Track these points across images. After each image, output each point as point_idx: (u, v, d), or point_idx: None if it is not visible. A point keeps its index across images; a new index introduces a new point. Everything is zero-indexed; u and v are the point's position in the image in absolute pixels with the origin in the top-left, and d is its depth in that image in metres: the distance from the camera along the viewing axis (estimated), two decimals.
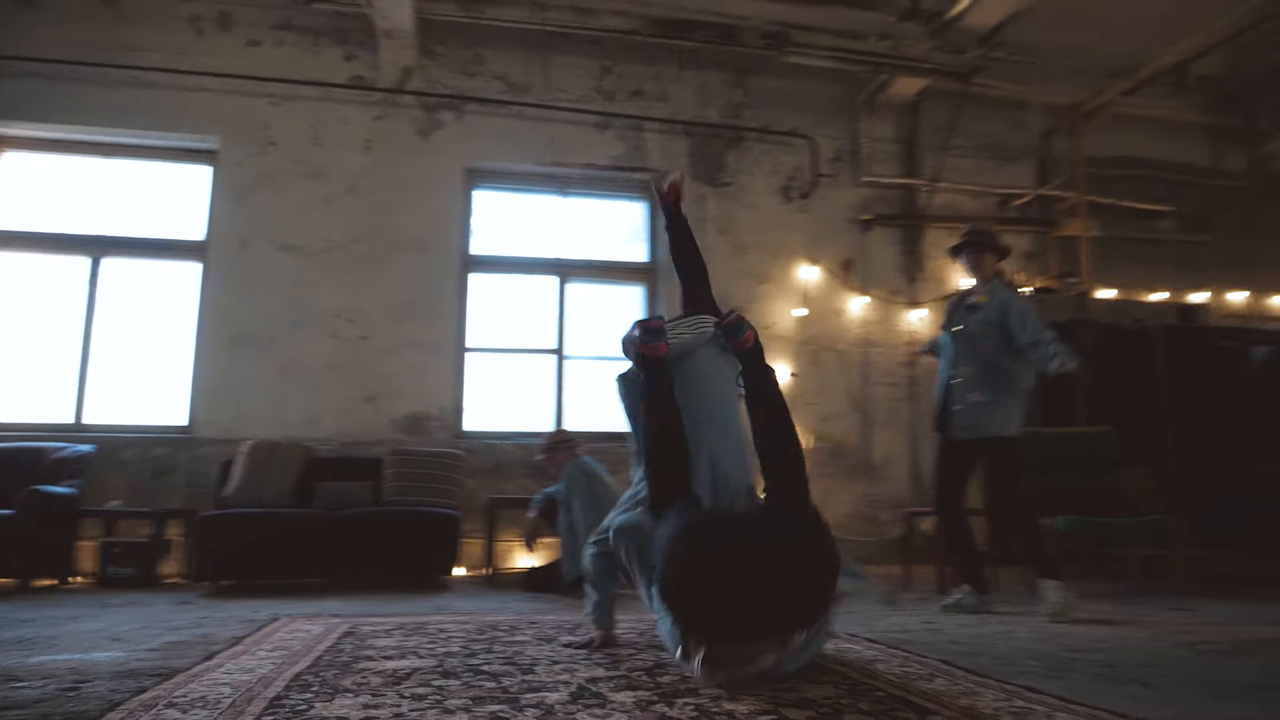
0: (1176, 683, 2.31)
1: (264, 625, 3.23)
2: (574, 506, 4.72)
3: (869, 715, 1.90)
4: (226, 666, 2.43)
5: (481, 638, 3.01)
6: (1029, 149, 7.76)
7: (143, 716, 1.85)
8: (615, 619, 2.85)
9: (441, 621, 3.45)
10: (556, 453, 4.97)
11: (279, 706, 1.94)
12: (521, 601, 4.42)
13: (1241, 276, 8.13)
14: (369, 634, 3.05)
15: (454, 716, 1.86)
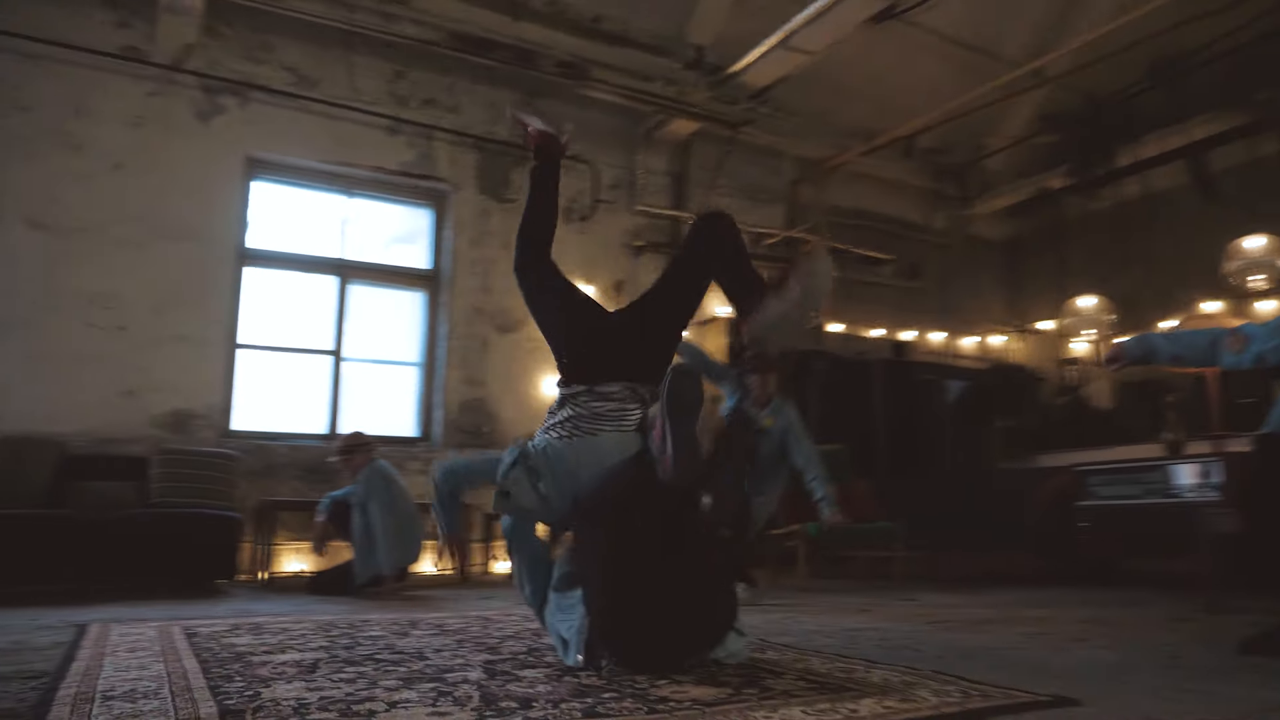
0: (937, 649, 3.14)
1: (84, 629, 3.39)
2: (371, 510, 5.23)
3: (735, 675, 2.42)
4: (109, 666, 2.55)
5: (337, 633, 3.32)
6: (780, 194, 9.21)
7: (92, 709, 1.98)
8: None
9: (280, 622, 3.68)
10: (354, 455, 5.44)
11: (225, 692, 2.15)
12: (322, 604, 4.65)
13: (941, 320, 10.18)
14: (218, 633, 3.27)
15: (401, 692, 2.16)
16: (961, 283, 10.32)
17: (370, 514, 5.20)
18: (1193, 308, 7.93)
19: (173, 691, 2.19)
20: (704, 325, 8.33)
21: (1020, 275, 10.72)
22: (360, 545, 5.20)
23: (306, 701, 2.05)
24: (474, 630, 3.46)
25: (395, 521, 5.25)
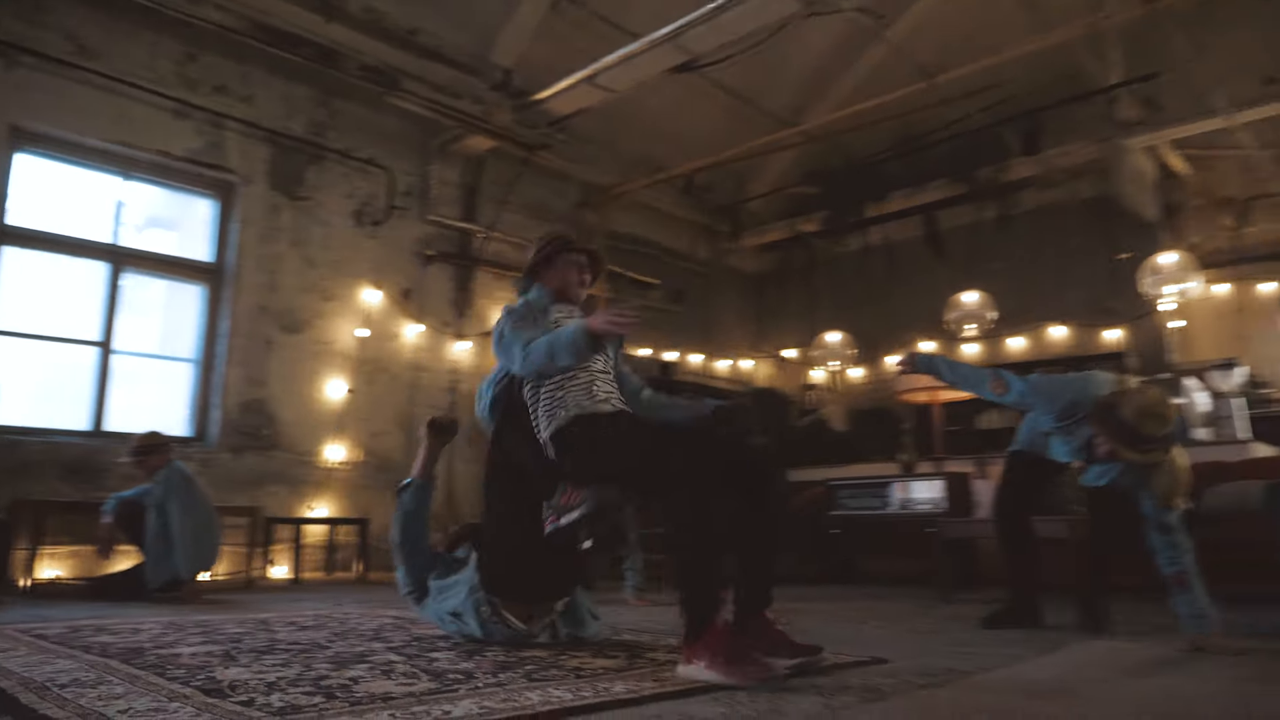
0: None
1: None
2: (170, 512, 5.11)
3: (620, 652, 2.77)
4: (15, 665, 2.51)
5: (201, 632, 3.30)
6: (565, 215, 9.79)
7: (63, 695, 2.01)
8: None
9: (122, 624, 3.59)
10: (151, 456, 5.27)
11: (176, 678, 2.21)
12: (125, 609, 4.44)
13: (700, 342, 11.18)
14: (71, 635, 3.18)
15: (346, 672, 2.31)
16: (719, 309, 11.39)
17: (169, 516, 5.10)
18: (912, 345, 9.39)
19: (125, 679, 2.27)
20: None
21: (770, 306, 11.97)
22: (155, 548, 5.09)
23: (270, 680, 2.26)
24: (338, 625, 3.66)
25: (194, 524, 5.18)
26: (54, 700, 1.99)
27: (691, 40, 6.79)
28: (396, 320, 8.23)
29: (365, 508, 7.65)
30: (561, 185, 9.59)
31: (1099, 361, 8.95)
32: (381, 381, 8.09)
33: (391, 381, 8.17)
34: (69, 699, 2.00)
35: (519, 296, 3.36)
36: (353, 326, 7.91)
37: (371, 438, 7.93)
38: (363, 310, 7.99)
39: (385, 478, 7.97)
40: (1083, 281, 9.28)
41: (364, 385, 7.93)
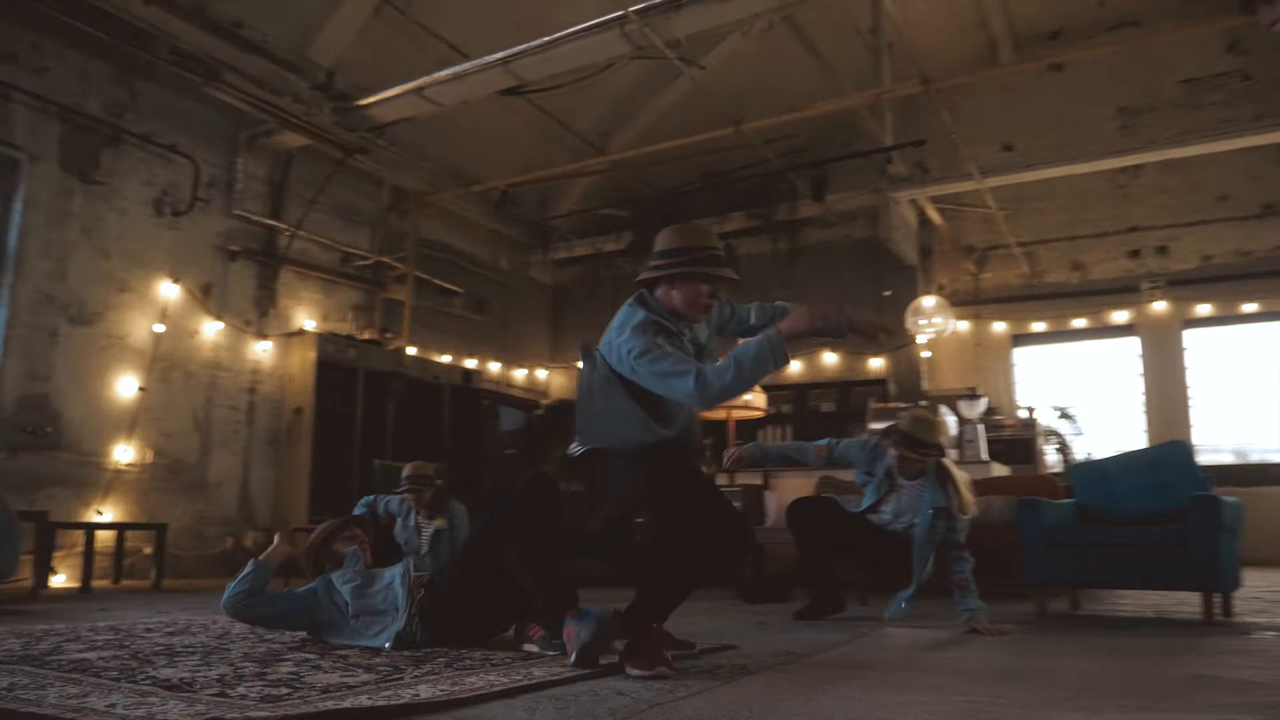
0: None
1: None
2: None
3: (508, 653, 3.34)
4: None
5: (63, 639, 3.44)
6: (372, 218, 9.79)
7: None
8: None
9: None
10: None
11: (113, 676, 2.23)
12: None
13: (499, 351, 11.50)
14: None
15: (278, 667, 2.33)
16: (519, 320, 11.77)
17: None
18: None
19: (71, 682, 2.35)
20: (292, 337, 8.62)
21: (568, 318, 12.47)
22: None
23: (216, 676, 2.43)
24: (202, 630, 3.70)
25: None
26: (19, 703, 2.10)
27: (522, 68, 7.17)
28: (195, 316, 8.00)
29: (155, 512, 7.40)
30: (372, 188, 9.64)
31: (864, 386, 10.18)
32: (176, 380, 7.83)
33: (188, 380, 7.92)
34: (44, 700, 2.11)
35: (638, 307, 2.97)
36: (149, 321, 7.62)
37: (164, 438, 7.66)
38: (160, 304, 7.71)
39: (178, 481, 7.76)
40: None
41: (158, 383, 7.66)
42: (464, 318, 10.79)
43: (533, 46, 6.93)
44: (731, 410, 7.71)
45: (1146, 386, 11.48)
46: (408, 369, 9.37)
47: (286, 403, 8.58)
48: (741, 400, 7.63)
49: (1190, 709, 2.08)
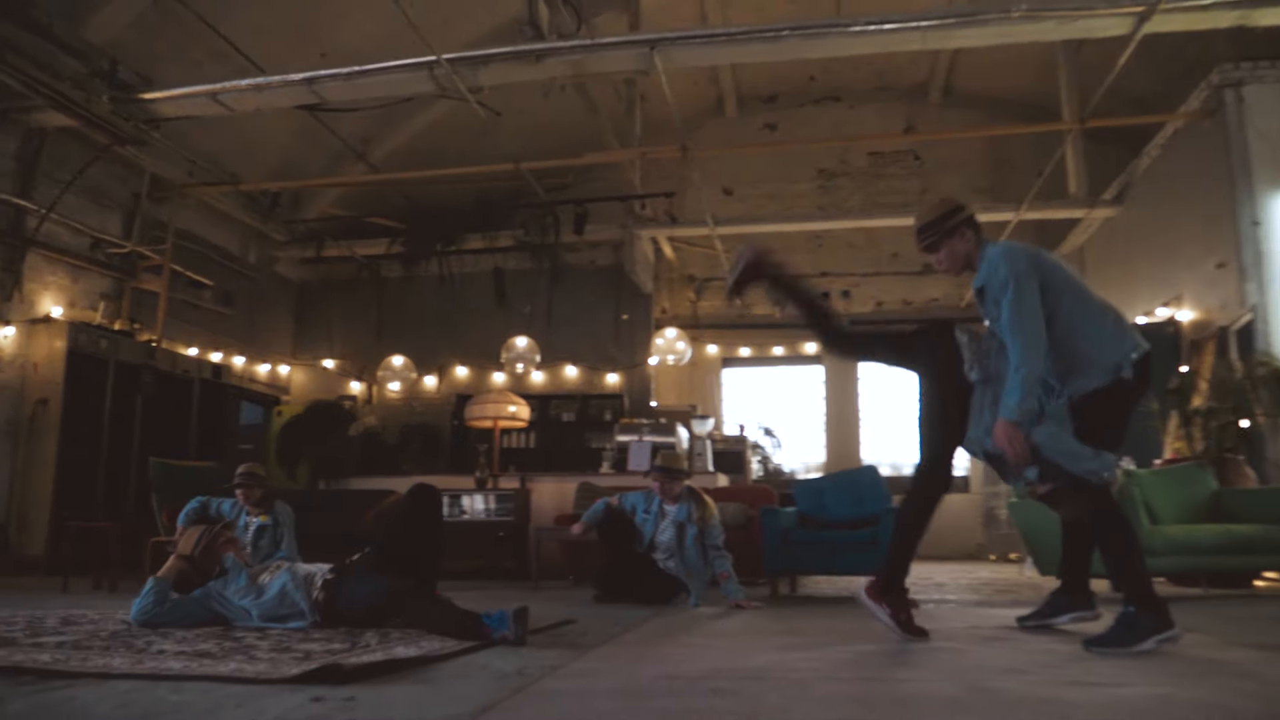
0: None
1: None
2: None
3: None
4: None
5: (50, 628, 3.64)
6: (124, 204, 9.64)
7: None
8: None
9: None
10: None
11: (135, 652, 2.86)
12: None
13: (243, 345, 11.56)
14: None
15: (260, 640, 2.96)
16: (265, 315, 11.90)
17: None
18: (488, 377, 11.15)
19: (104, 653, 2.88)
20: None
21: (314, 316, 12.70)
22: None
23: (225, 649, 3.06)
24: (115, 623, 4.05)
25: None
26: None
27: (327, 89, 7.68)
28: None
29: None
30: (126, 173, 9.49)
31: (600, 399, 11.49)
32: None
33: None
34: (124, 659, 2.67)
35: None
36: None
37: None
38: None
39: None
40: (595, 333, 11.76)
41: None
42: (212, 311, 10.80)
43: (341, 72, 7.49)
44: (498, 420, 8.66)
45: (827, 409, 13.82)
46: (159, 362, 9.38)
47: (28, 393, 8.37)
48: (508, 411, 8.63)
49: (889, 642, 3.41)
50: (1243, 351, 7.25)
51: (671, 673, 2.75)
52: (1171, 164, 8.91)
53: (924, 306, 13.84)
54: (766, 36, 7.00)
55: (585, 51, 7.15)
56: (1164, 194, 9.02)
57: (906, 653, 3.24)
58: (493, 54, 7.26)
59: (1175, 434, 7.42)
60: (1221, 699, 2.25)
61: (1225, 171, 7.67)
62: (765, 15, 11.48)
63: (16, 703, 2.22)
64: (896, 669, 2.91)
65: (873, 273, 14.13)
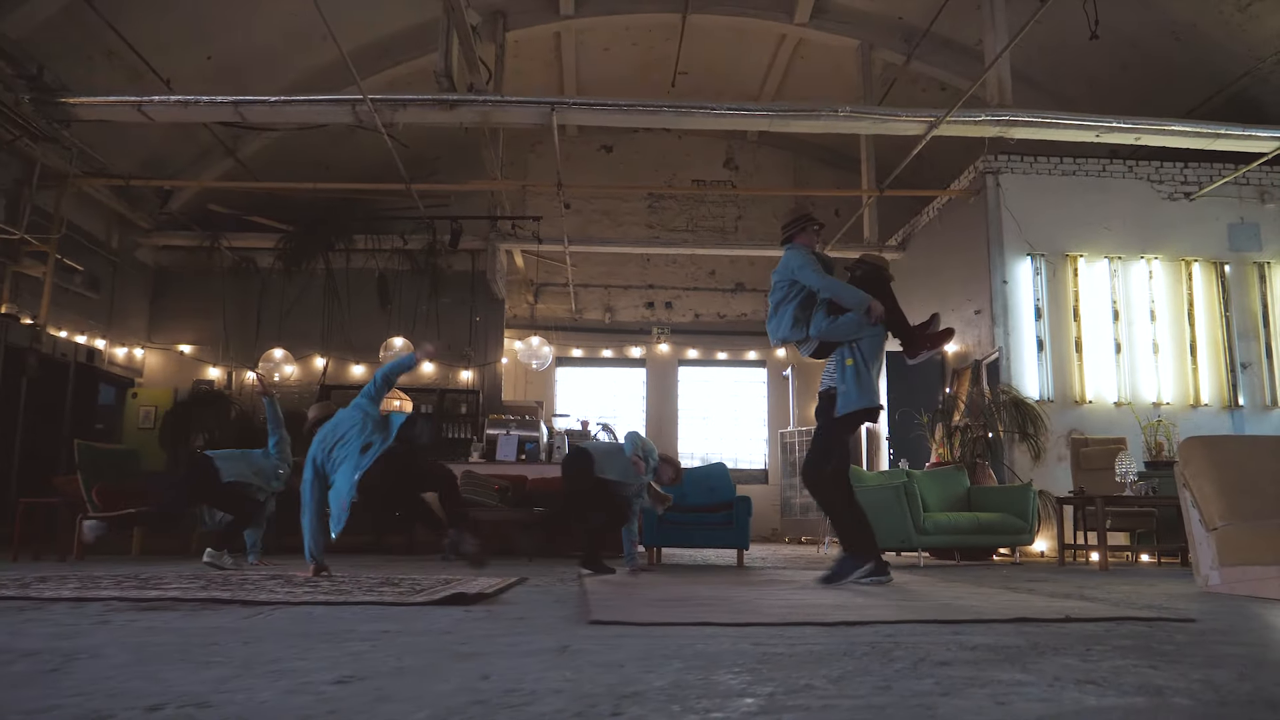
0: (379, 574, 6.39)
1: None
2: None
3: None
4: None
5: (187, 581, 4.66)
6: (9, 192, 10.03)
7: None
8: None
9: None
10: None
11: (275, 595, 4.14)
12: None
13: (104, 329, 11.99)
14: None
15: (310, 591, 4.47)
16: (122, 299, 12.37)
17: None
18: (347, 369, 12.08)
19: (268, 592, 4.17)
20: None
21: (172, 302, 13.19)
22: None
23: (305, 595, 4.40)
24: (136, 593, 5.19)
25: None
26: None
27: (251, 112, 8.66)
28: None
29: None
30: (8, 159, 9.89)
31: (456, 394, 12.82)
32: None
33: None
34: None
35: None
36: None
37: None
38: None
39: None
40: (454, 333, 13.06)
41: None
42: (80, 295, 11.24)
43: (269, 100, 8.50)
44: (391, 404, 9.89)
45: (648, 408, 15.75)
46: (43, 346, 9.91)
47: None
48: (394, 405, 9.90)
49: (742, 586, 5.20)
50: (991, 381, 9.68)
51: (663, 595, 4.41)
52: (944, 225, 11.37)
53: (735, 320, 16.04)
54: (647, 110, 8.69)
55: (495, 106, 8.56)
56: (936, 248, 11.48)
57: (751, 589, 5.05)
58: (412, 99, 8.52)
59: (940, 442, 9.77)
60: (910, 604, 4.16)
61: (984, 238, 10.11)
62: (612, 56, 13.28)
63: (263, 617, 3.57)
64: (750, 597, 4.70)
65: (692, 288, 16.19)
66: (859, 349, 5.14)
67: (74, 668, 2.12)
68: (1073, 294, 9.96)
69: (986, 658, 2.38)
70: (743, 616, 3.32)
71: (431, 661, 2.29)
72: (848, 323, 5.10)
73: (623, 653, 2.46)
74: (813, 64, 13.78)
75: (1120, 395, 9.77)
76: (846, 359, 5.12)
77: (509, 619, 3.37)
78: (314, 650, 2.44)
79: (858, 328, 5.11)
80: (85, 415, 10.63)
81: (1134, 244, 10.15)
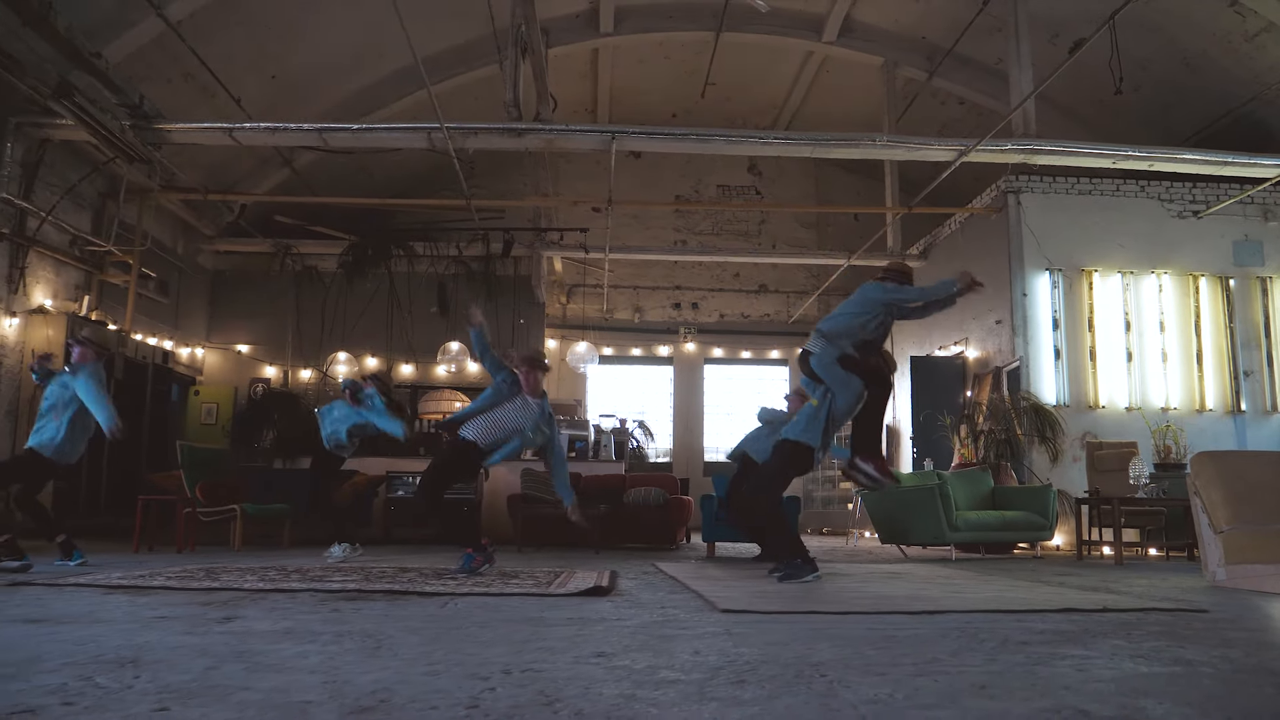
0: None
1: None
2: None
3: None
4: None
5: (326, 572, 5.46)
6: (94, 205, 10.78)
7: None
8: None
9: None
10: None
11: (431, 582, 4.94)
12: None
13: (173, 331, 12.75)
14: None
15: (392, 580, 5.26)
16: (186, 302, 13.14)
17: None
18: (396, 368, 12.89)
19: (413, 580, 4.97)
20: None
21: (221, 303, 13.97)
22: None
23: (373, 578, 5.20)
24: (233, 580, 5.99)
25: None
26: None
27: (334, 138, 9.40)
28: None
29: None
30: (95, 176, 10.64)
31: None
32: None
33: None
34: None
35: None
36: None
37: None
38: None
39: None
40: (497, 335, 13.81)
41: None
42: (151, 300, 12.01)
43: (351, 127, 9.25)
44: (446, 414, 10.70)
45: (675, 404, 16.56)
46: (127, 350, 10.69)
47: (26, 378, 9.57)
48: (455, 406, 10.68)
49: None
50: (1011, 387, 10.48)
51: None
52: (966, 238, 12.15)
53: (759, 320, 16.84)
54: (701, 138, 9.46)
55: (559, 134, 9.33)
56: (958, 259, 12.23)
57: (822, 582, 5.85)
58: (482, 127, 9.27)
59: (964, 443, 10.58)
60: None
61: (1005, 253, 10.89)
62: (645, 69, 14.02)
63: (449, 606, 4.37)
64: (829, 591, 5.51)
65: (717, 289, 16.98)
66: (830, 400, 5.70)
67: (398, 647, 2.90)
68: (1087, 306, 10.74)
69: (1053, 639, 3.17)
70: (841, 606, 4.12)
71: (644, 640, 3.08)
72: (944, 284, 5.85)
73: (776, 635, 3.26)
74: (837, 78, 14.52)
75: (1131, 401, 10.57)
76: (813, 400, 5.78)
77: (652, 607, 4.16)
78: (550, 633, 3.24)
79: (951, 287, 5.82)
80: (160, 414, 11.39)
81: (1145, 259, 10.93)
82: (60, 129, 9.30)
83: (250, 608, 3.88)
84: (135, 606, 3.89)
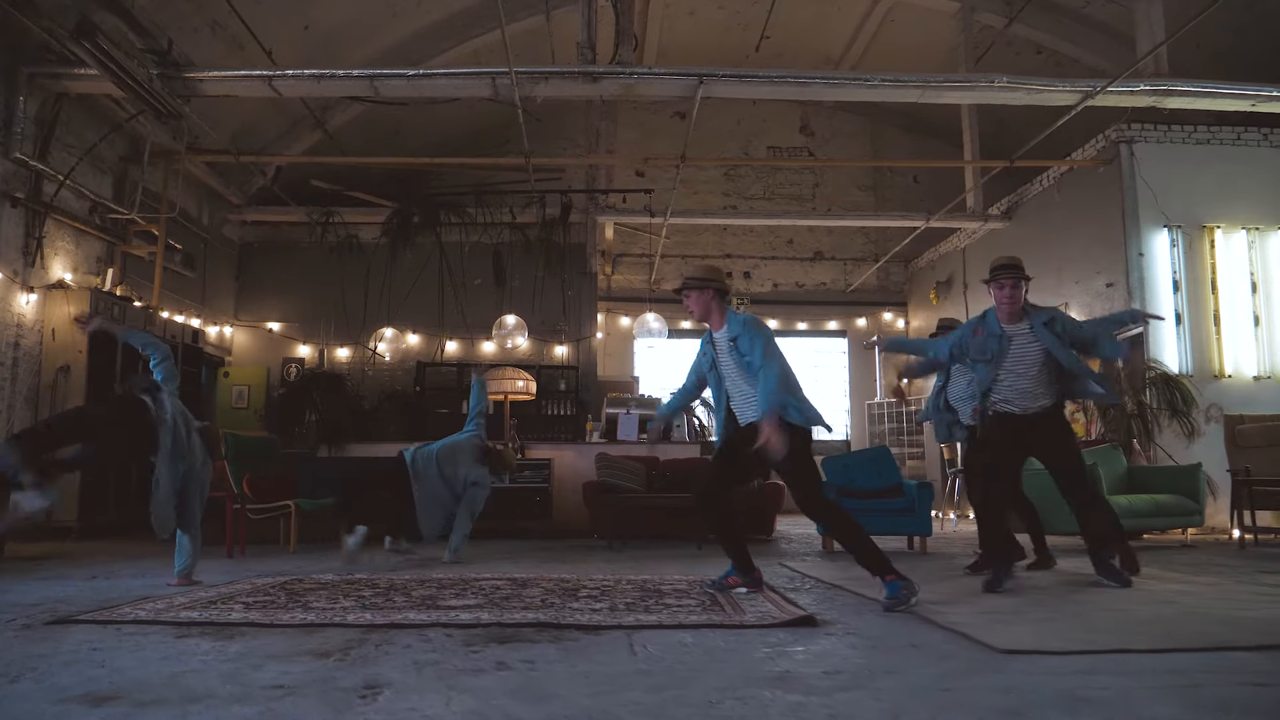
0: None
1: None
2: None
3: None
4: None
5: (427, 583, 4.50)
6: (115, 169, 9.72)
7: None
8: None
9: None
10: None
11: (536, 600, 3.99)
12: None
13: (200, 308, 11.71)
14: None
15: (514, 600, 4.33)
16: (213, 277, 12.10)
17: None
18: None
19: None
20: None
21: (249, 277, 12.92)
22: None
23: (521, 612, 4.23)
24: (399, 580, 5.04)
25: None
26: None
27: (386, 87, 8.33)
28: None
29: None
30: (116, 137, 9.58)
31: (552, 370, 12.59)
32: None
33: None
34: None
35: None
36: None
37: None
38: None
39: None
40: (545, 307, 12.80)
41: None
42: (177, 274, 10.99)
43: (406, 72, 8.19)
44: (509, 394, 9.71)
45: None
46: (155, 328, 9.67)
47: (48, 360, 8.57)
48: (518, 385, 9.71)
49: (1019, 593, 5.03)
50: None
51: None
52: (1064, 194, 11.08)
53: (814, 289, 15.81)
54: (791, 81, 8.40)
55: (640, 78, 8.25)
56: (1054, 218, 11.19)
57: (1030, 597, 4.88)
58: (554, 71, 8.21)
59: (1072, 419, 9.58)
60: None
61: (1117, 209, 9.85)
62: (696, 20, 12.94)
63: (641, 652, 3.40)
64: (1073, 609, 4.54)
65: (769, 257, 15.93)
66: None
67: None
68: (1209, 266, 9.72)
69: None
70: (1153, 640, 3.15)
71: (923, 683, 2.11)
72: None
73: (1123, 688, 2.28)
74: (902, 28, 13.44)
75: (1260, 369, 9.58)
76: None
77: (895, 645, 3.18)
78: (812, 703, 2.26)
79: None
80: (191, 398, 10.38)
81: (1272, 214, 9.90)
82: (79, 80, 8.24)
83: (384, 663, 2.93)
84: (229, 662, 2.93)
